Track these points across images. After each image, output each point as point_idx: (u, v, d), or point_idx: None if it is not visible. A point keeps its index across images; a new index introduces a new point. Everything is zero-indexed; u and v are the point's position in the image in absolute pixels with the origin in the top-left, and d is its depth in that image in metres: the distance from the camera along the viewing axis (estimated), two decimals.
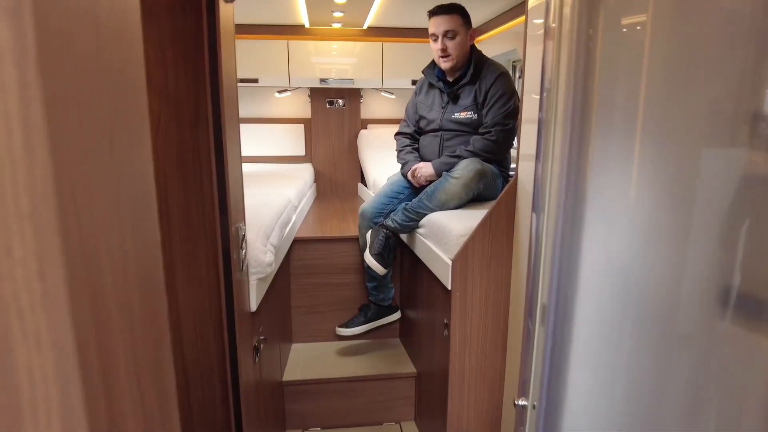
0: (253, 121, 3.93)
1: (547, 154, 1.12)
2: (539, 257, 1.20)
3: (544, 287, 1.20)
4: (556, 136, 1.12)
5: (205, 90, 1.31)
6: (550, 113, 1.09)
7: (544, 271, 1.19)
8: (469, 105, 2.26)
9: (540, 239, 1.19)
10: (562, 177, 1.11)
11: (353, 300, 2.72)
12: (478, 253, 1.77)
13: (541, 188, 1.19)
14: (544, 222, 1.17)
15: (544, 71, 1.16)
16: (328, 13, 2.83)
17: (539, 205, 1.20)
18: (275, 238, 1.89)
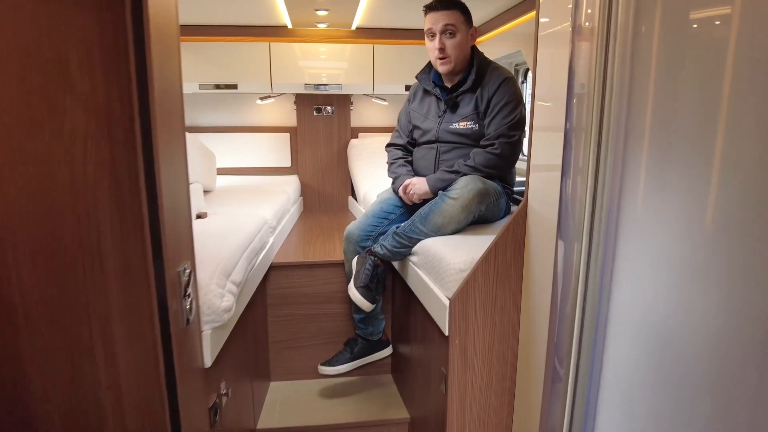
0: (233, 131, 3.63)
1: (582, 170, 0.84)
2: (569, 292, 0.93)
3: (574, 328, 0.94)
4: (590, 149, 0.84)
5: (131, 100, 1.01)
6: (583, 122, 0.82)
7: (573, 308, 0.92)
8: (470, 114, 1.97)
9: (571, 269, 0.91)
10: (601, 197, 0.83)
11: (338, 333, 2.42)
12: (481, 292, 1.47)
13: (572, 209, 0.91)
14: (576, 249, 0.89)
15: (572, 74, 0.89)
16: (311, 12, 2.54)
17: (568, 230, 0.92)
18: (239, 273, 1.59)
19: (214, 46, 3.09)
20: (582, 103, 0.86)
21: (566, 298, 1.00)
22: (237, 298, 1.57)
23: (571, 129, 0.90)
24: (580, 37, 0.85)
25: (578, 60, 0.86)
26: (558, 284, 1.08)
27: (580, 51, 0.85)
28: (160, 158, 1.04)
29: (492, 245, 1.45)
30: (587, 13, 0.83)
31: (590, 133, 0.82)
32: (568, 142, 0.93)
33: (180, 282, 1.17)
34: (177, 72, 1.16)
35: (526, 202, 1.42)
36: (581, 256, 0.91)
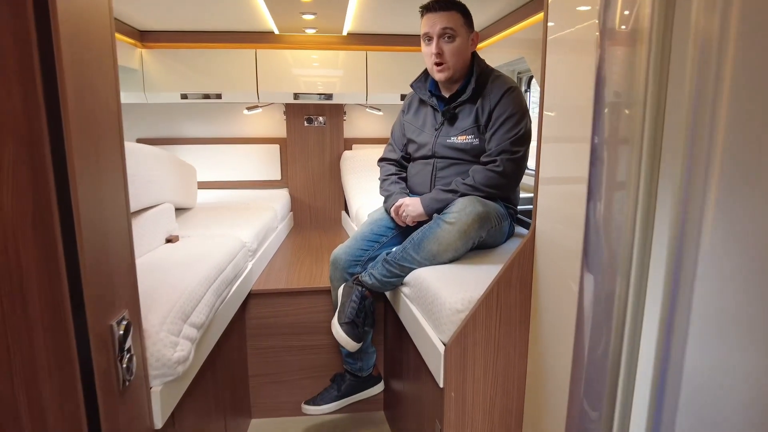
0: (219, 142, 3.43)
1: (628, 187, 0.65)
2: (602, 340, 0.73)
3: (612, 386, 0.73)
4: (640, 165, 0.65)
5: (39, 115, 0.80)
6: (621, 134, 0.64)
7: (611, 359, 0.74)
8: (469, 127, 1.77)
9: (606, 310, 0.72)
10: (647, 219, 0.65)
11: (325, 366, 2.20)
12: (482, 338, 1.26)
13: (607, 234, 0.71)
14: (618, 285, 0.71)
15: (601, 82, 0.69)
16: (297, 16, 2.35)
17: (599, 260, 0.72)
18: (202, 312, 1.38)
19: (196, 53, 2.90)
20: (618, 113, 0.67)
21: (597, 347, 0.79)
22: (198, 342, 1.36)
23: (602, 142, 0.71)
24: (614, 41, 0.66)
25: (611, 66, 0.66)
26: (584, 329, 0.87)
27: (614, 56, 0.66)
28: (78, 186, 0.84)
29: (494, 283, 1.23)
30: (623, 15, 0.64)
31: (639, 146, 0.62)
32: (598, 157, 0.73)
33: (113, 337, 0.96)
34: (110, 80, 0.96)
35: (533, 232, 1.21)
36: (625, 292, 0.70)
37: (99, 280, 0.90)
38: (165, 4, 2.25)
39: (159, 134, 3.38)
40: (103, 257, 0.93)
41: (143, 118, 3.33)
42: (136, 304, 1.06)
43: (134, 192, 1.61)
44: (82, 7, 0.84)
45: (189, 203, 2.57)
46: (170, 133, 3.40)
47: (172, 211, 1.98)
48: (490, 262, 1.61)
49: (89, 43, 0.88)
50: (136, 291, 1.06)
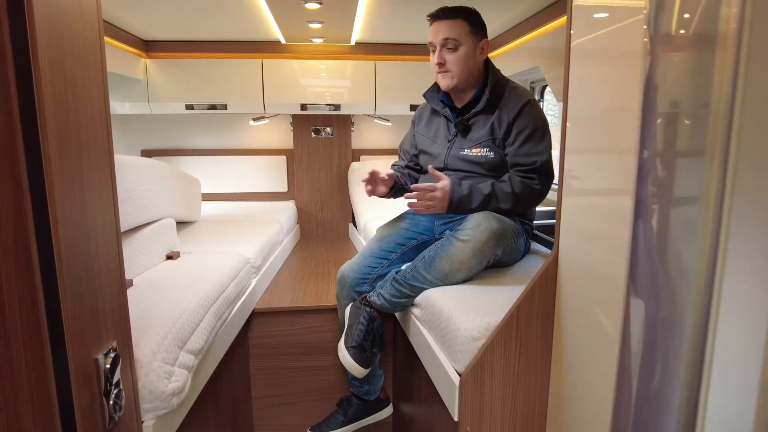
0: (225, 153, 3.37)
1: (705, 202, 0.56)
2: (658, 373, 0.65)
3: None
4: (711, 179, 0.56)
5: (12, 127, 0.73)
6: (678, 146, 0.56)
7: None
8: (484, 139, 1.68)
9: (663, 345, 0.63)
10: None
11: (332, 387, 2.11)
12: (500, 369, 1.16)
13: (661, 258, 0.63)
14: (691, 315, 0.63)
15: (652, 90, 0.60)
16: (304, 24, 2.29)
17: (650, 287, 0.64)
18: (200, 337, 1.30)
19: (201, 63, 2.85)
20: (676, 123, 0.59)
21: (650, 383, 0.70)
22: (196, 369, 1.27)
23: (655, 154, 0.63)
24: (672, 47, 0.58)
25: (665, 73, 0.58)
26: (630, 362, 0.77)
27: (670, 63, 0.57)
28: (56, 206, 0.76)
29: (513, 310, 1.14)
30: (682, 19, 0.56)
31: (712, 158, 0.54)
32: (650, 170, 0.65)
33: (98, 371, 0.88)
34: (97, 89, 0.88)
35: (557, 252, 1.12)
36: (696, 321, 0.61)
37: (82, 309, 0.82)
38: (170, 14, 2.20)
39: (164, 145, 3.33)
40: (88, 283, 0.85)
41: (148, 129, 3.28)
42: (126, 333, 0.98)
43: (133, 208, 1.54)
44: (63, 9, 0.77)
45: (193, 217, 2.50)
46: (175, 145, 3.34)
47: (173, 227, 1.90)
48: (507, 282, 1.51)
49: (72, 49, 0.80)
50: (127, 319, 0.98)
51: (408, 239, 1.84)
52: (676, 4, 0.58)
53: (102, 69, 0.90)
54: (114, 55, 2.48)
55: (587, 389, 1.00)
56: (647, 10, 0.62)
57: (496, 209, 1.62)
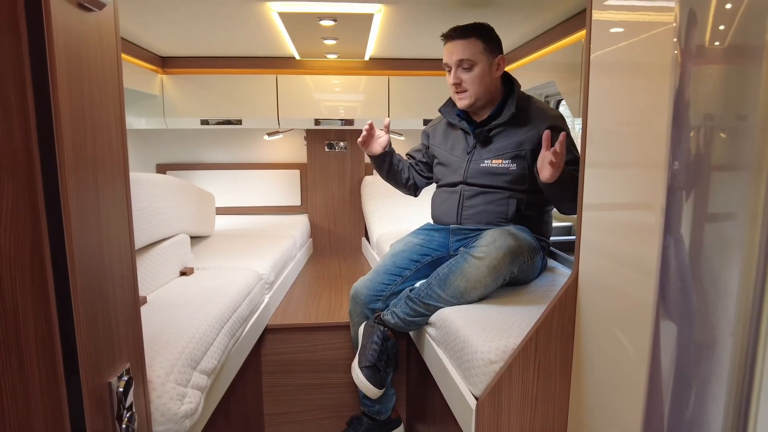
0: (240, 167, 3.39)
1: (751, 217, 0.54)
2: (692, 400, 0.63)
3: None
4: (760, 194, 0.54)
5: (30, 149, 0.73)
6: (714, 159, 0.54)
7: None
8: (507, 151, 1.67)
9: (703, 369, 0.61)
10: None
11: (344, 405, 2.08)
12: (518, 393, 1.13)
13: (695, 279, 0.61)
14: (733, 341, 0.60)
15: (683, 103, 0.59)
16: (318, 40, 2.30)
17: (683, 309, 0.62)
18: (214, 357, 1.28)
19: (216, 78, 2.88)
20: (710, 137, 0.57)
21: (685, 410, 0.67)
22: (208, 390, 1.26)
23: (687, 168, 0.61)
24: (703, 59, 0.56)
25: (698, 86, 0.57)
26: (662, 388, 0.74)
27: (704, 75, 0.56)
28: (71, 227, 0.76)
29: (532, 332, 1.11)
30: (718, 31, 0.54)
31: (758, 172, 0.53)
32: (681, 186, 0.63)
33: (111, 395, 0.87)
34: (114, 109, 0.89)
35: (577, 272, 1.09)
36: (737, 346, 0.59)
37: (96, 333, 0.82)
38: (186, 31, 2.23)
39: (179, 159, 3.36)
40: (102, 306, 0.84)
41: (164, 144, 3.32)
42: (139, 356, 0.97)
43: (148, 225, 1.54)
44: (81, 29, 0.78)
45: (207, 231, 2.51)
46: (190, 159, 3.37)
47: (187, 243, 1.91)
48: (524, 302, 1.49)
49: (90, 72, 0.81)
50: (140, 340, 0.98)
51: (422, 255, 1.82)
52: (710, 17, 0.56)
53: (119, 90, 0.90)
54: (131, 71, 2.51)
55: (610, 416, 0.97)
56: (677, 23, 0.60)
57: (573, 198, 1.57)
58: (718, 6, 0.58)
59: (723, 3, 0.57)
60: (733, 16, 0.54)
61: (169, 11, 1.87)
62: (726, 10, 0.56)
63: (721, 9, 0.58)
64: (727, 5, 0.56)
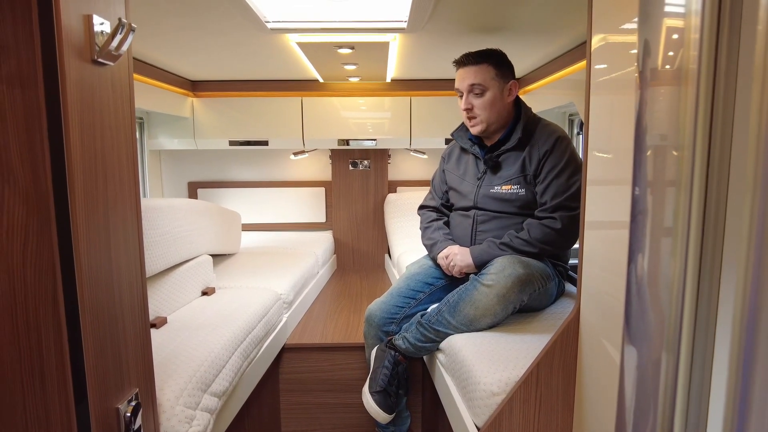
0: (267, 185, 3.49)
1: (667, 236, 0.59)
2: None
3: None
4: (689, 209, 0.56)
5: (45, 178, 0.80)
6: (666, 176, 0.57)
7: None
8: (515, 176, 1.67)
9: (652, 396, 0.61)
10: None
11: (361, 425, 2.10)
12: (519, 426, 1.13)
13: (651, 296, 0.62)
14: (665, 363, 0.60)
15: (641, 122, 0.62)
16: (339, 66, 2.37)
17: (643, 329, 0.62)
18: (225, 379, 1.33)
19: (244, 101, 2.99)
20: (664, 156, 0.61)
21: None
22: (219, 412, 1.31)
23: (645, 186, 0.66)
24: (657, 82, 0.61)
25: (653, 108, 0.61)
26: (626, 418, 0.74)
27: (656, 98, 0.60)
28: (81, 257, 0.81)
29: (533, 366, 1.11)
30: (666, 56, 0.58)
31: (688, 191, 0.55)
32: (641, 202, 0.67)
33: (119, 420, 0.92)
34: (125, 136, 0.95)
35: (578, 305, 1.08)
36: (673, 369, 0.59)
37: (104, 360, 0.87)
38: (213, 58, 2.33)
39: (209, 178, 3.49)
40: (112, 334, 0.90)
41: (194, 163, 3.45)
42: (149, 381, 1.03)
43: (169, 249, 1.62)
44: (94, 82, 0.84)
45: (232, 249, 2.60)
46: (219, 177, 3.50)
47: (209, 263, 1.98)
48: (535, 330, 1.47)
49: (103, 118, 0.87)
50: (150, 366, 1.03)
51: (436, 279, 1.83)
52: (661, 43, 0.60)
53: (132, 137, 0.96)
54: (163, 96, 2.64)
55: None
56: (637, 48, 0.64)
57: (523, 256, 1.60)
58: (667, 36, 0.61)
59: (671, 33, 0.59)
60: (680, 43, 0.57)
61: (196, 42, 1.97)
62: (673, 40, 0.59)
63: (669, 39, 0.61)
64: (674, 36, 0.58)
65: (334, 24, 1.69)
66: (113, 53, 0.86)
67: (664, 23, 0.62)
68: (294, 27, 1.71)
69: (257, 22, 1.65)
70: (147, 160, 3.10)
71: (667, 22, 0.62)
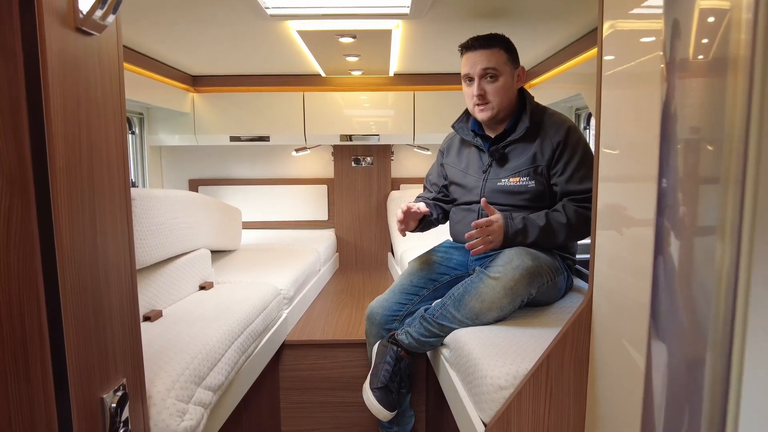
0: (268, 183, 3.45)
1: (724, 232, 0.53)
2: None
3: None
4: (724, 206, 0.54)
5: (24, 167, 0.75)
6: (701, 172, 0.53)
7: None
8: (524, 167, 1.61)
9: (690, 389, 0.58)
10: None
11: (363, 425, 2.04)
12: (528, 422, 1.07)
13: (683, 292, 0.57)
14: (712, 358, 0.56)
15: (668, 115, 0.55)
16: (341, 58, 2.32)
17: (674, 325, 0.57)
18: (221, 373, 1.28)
19: (245, 96, 2.95)
20: (697, 150, 0.53)
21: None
22: (216, 405, 1.25)
23: (675, 182, 0.59)
24: (689, 72, 0.53)
25: (683, 99, 0.54)
26: (654, 413, 0.69)
27: (688, 88, 0.53)
28: (63, 242, 0.76)
29: (543, 358, 1.05)
30: (699, 44, 0.51)
31: (737, 186, 0.49)
32: (669, 198, 0.61)
33: (104, 410, 0.87)
34: (115, 125, 0.90)
35: (590, 295, 1.03)
36: (719, 364, 0.54)
37: (88, 348, 0.82)
38: (214, 50, 2.29)
39: (210, 175, 3.45)
40: (97, 322, 0.85)
41: (195, 160, 3.42)
42: (138, 371, 0.98)
43: (165, 240, 1.57)
44: (78, 53, 0.79)
45: (232, 246, 2.55)
46: (221, 174, 3.46)
47: (207, 257, 1.93)
48: (543, 324, 1.42)
49: (89, 93, 0.82)
50: (140, 357, 0.98)
51: (440, 275, 1.77)
52: (693, 29, 0.52)
53: (121, 115, 0.92)
54: (163, 90, 2.60)
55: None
56: (663, 36, 0.57)
57: (552, 242, 1.54)
58: (701, 20, 0.55)
59: (705, 17, 0.54)
60: (715, 30, 0.50)
61: (196, 32, 1.93)
62: (708, 24, 0.52)
63: (703, 23, 0.55)
64: (710, 19, 0.52)
65: (335, 9, 1.64)
66: (99, 22, 0.82)
67: (697, 3, 0.56)
68: (294, 13, 1.67)
69: (257, 8, 1.61)
70: (147, 156, 3.07)
71: (701, 2, 0.56)
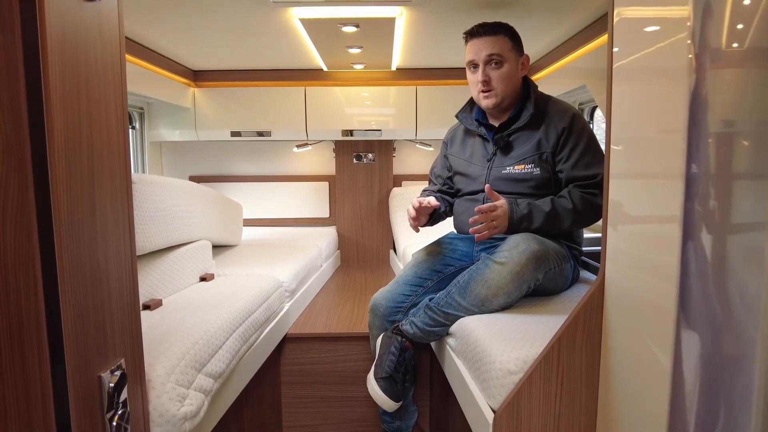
0: (270, 180, 3.42)
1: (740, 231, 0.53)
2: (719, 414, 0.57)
3: None
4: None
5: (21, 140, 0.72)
6: (737, 168, 0.49)
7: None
8: (529, 155, 1.59)
9: (728, 380, 0.57)
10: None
11: (365, 420, 2.00)
12: (539, 407, 1.04)
13: (717, 286, 0.54)
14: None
15: (700, 108, 0.53)
16: (343, 50, 2.30)
17: (708, 318, 0.55)
18: (222, 360, 1.25)
19: (246, 91, 2.93)
20: (730, 144, 0.50)
21: (712, 425, 0.60)
22: (216, 393, 1.22)
23: (705, 176, 0.55)
24: (722, 62, 0.51)
25: (714, 91, 0.52)
26: (684, 401, 0.66)
27: (721, 80, 0.51)
28: (62, 223, 0.74)
29: (554, 341, 1.02)
30: (735, 30, 0.49)
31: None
32: (699, 193, 0.57)
33: (101, 389, 0.84)
34: (116, 110, 0.88)
35: (603, 278, 1.00)
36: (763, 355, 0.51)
37: (86, 325, 0.80)
38: (215, 43, 2.27)
39: (211, 172, 3.43)
40: (95, 300, 0.82)
41: (196, 156, 3.40)
42: (137, 352, 0.95)
43: (165, 227, 1.54)
44: (78, 21, 0.77)
45: (233, 240, 2.52)
46: (222, 171, 3.44)
47: (208, 249, 1.91)
48: (551, 311, 1.39)
49: (89, 64, 0.80)
50: (139, 338, 0.95)
51: (445, 266, 1.75)
52: (726, 16, 0.50)
53: (122, 89, 0.89)
54: (164, 84, 2.59)
55: (639, 429, 0.86)
56: (691, 22, 0.55)
57: (557, 228, 1.52)
58: (735, 6, 0.53)
59: (739, 1, 0.51)
60: (752, 15, 0.48)
61: (197, 23, 1.92)
62: (744, 7, 0.50)
63: (738, 8, 0.52)
64: (745, 1, 0.50)
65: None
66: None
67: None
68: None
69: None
70: (148, 152, 3.04)
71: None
